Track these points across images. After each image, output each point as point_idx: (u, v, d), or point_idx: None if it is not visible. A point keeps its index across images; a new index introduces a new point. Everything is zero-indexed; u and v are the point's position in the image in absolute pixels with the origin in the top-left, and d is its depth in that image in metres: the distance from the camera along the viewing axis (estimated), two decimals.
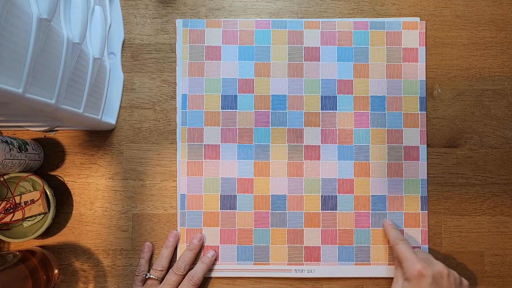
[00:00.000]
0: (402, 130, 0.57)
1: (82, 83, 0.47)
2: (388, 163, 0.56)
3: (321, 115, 0.57)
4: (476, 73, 0.58)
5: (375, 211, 0.56)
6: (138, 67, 0.58)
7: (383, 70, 0.57)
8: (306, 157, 0.56)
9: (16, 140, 0.51)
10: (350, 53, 0.57)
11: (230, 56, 0.57)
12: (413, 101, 0.57)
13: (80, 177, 0.57)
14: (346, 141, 0.56)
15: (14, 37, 0.33)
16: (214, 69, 0.57)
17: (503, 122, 0.57)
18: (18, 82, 0.34)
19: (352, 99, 0.57)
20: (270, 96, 0.57)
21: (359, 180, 0.56)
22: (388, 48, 0.57)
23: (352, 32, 0.57)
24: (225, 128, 0.56)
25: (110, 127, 0.57)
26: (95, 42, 0.49)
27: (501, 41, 0.58)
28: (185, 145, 0.56)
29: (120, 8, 0.58)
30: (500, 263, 0.56)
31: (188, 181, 0.56)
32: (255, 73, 0.57)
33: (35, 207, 0.52)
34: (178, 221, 0.56)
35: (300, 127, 0.56)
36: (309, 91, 0.57)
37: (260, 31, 0.57)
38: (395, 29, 0.57)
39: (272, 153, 0.56)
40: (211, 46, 0.57)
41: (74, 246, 0.56)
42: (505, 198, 0.57)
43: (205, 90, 0.57)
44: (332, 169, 0.56)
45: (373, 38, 0.57)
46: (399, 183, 0.56)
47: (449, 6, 0.59)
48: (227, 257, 0.55)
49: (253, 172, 0.56)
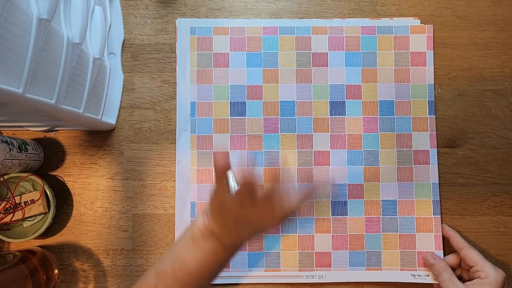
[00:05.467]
0: (411, 134, 0.56)
1: (82, 83, 0.47)
2: (398, 167, 0.56)
3: (330, 120, 0.56)
4: (476, 73, 0.58)
5: (386, 215, 0.56)
6: (138, 67, 0.58)
7: (391, 75, 0.57)
8: (315, 163, 0.56)
9: (16, 140, 0.50)
10: (358, 58, 0.57)
11: (238, 63, 0.57)
12: (422, 105, 0.57)
13: (80, 177, 0.57)
14: (356, 146, 0.56)
15: (14, 37, 0.33)
16: (222, 76, 0.57)
17: (504, 122, 0.57)
18: (18, 82, 0.34)
19: (360, 104, 0.57)
20: (279, 102, 0.56)
21: (369, 185, 0.56)
22: (396, 53, 0.57)
23: (360, 37, 0.57)
24: (234, 135, 0.56)
25: (110, 127, 0.57)
26: (95, 42, 0.49)
27: (502, 42, 0.58)
28: (195, 152, 0.56)
29: (120, 8, 0.58)
30: (500, 263, 0.56)
31: (198, 189, 0.56)
32: (264, 80, 0.57)
33: (35, 207, 0.52)
34: (176, 224, 0.55)
35: (309, 133, 0.56)
36: (318, 97, 0.57)
37: (268, 37, 0.57)
38: (403, 34, 0.57)
39: (282, 159, 0.56)
40: (219, 53, 0.57)
41: (74, 246, 0.56)
42: (506, 198, 0.57)
43: (214, 97, 0.57)
44: (342, 175, 0.56)
45: (381, 43, 0.57)
46: (410, 188, 0.56)
47: (449, 6, 0.59)
48: (238, 264, 0.55)
49: (263, 179, 0.55)
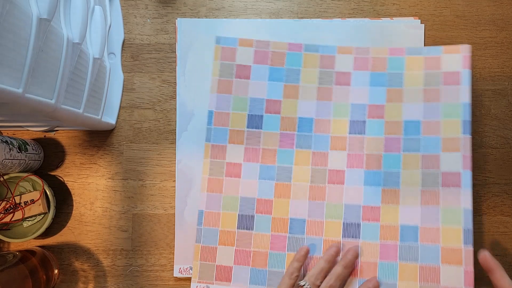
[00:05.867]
0: (440, 155, 0.52)
1: (82, 83, 0.47)
2: (422, 190, 0.51)
3: (348, 139, 0.54)
4: (476, 73, 0.58)
5: (404, 242, 0.51)
6: (138, 67, 0.58)
7: (419, 94, 0.53)
8: (329, 181, 0.53)
9: (16, 140, 0.51)
10: (383, 78, 0.54)
11: (260, 76, 0.55)
12: (454, 125, 0.52)
13: (80, 177, 0.57)
14: (374, 166, 0.53)
15: (14, 37, 0.33)
16: (243, 87, 0.55)
17: (504, 122, 0.57)
18: (18, 82, 0.34)
19: (383, 123, 0.54)
20: (297, 118, 0.55)
21: (387, 207, 0.52)
22: (426, 73, 0.54)
23: (387, 58, 0.55)
24: (248, 148, 0.55)
25: (110, 127, 0.57)
26: (95, 42, 0.49)
27: (501, 41, 0.58)
28: (208, 161, 0.55)
29: (120, 8, 0.58)
30: (500, 263, 0.56)
31: (208, 198, 0.54)
32: (284, 95, 0.55)
33: (35, 207, 0.52)
34: (176, 224, 0.55)
35: (325, 151, 0.54)
36: (338, 115, 0.54)
37: (292, 53, 0.56)
38: (435, 54, 0.54)
39: (295, 175, 0.54)
40: (242, 65, 0.56)
41: (74, 246, 0.56)
42: (505, 198, 0.57)
43: (232, 108, 0.55)
44: (357, 195, 0.52)
45: (409, 63, 0.54)
46: (435, 212, 0.51)
47: (449, 6, 0.59)
48: (240, 278, 0.53)
49: (273, 193, 0.54)
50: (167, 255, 0.56)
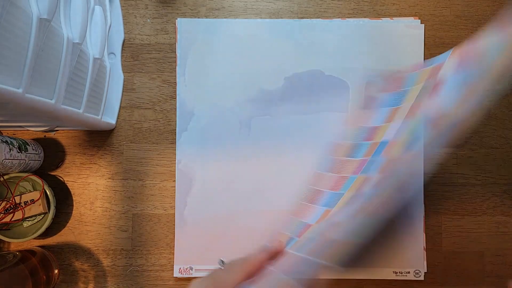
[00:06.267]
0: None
1: (82, 83, 0.47)
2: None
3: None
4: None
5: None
6: (138, 67, 0.58)
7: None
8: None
9: (16, 140, 0.51)
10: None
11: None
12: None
13: (80, 177, 0.57)
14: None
15: (14, 37, 0.33)
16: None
17: (503, 122, 0.57)
18: (18, 82, 0.34)
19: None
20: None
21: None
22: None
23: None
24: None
25: (110, 127, 0.57)
26: (95, 42, 0.49)
27: None
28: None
29: (120, 8, 0.58)
30: (500, 263, 0.56)
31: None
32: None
33: (35, 207, 0.52)
34: (176, 224, 0.55)
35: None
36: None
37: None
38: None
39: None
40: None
41: (74, 246, 0.56)
42: (505, 198, 0.57)
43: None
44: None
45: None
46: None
47: (449, 6, 0.59)
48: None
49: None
50: (167, 255, 0.56)
